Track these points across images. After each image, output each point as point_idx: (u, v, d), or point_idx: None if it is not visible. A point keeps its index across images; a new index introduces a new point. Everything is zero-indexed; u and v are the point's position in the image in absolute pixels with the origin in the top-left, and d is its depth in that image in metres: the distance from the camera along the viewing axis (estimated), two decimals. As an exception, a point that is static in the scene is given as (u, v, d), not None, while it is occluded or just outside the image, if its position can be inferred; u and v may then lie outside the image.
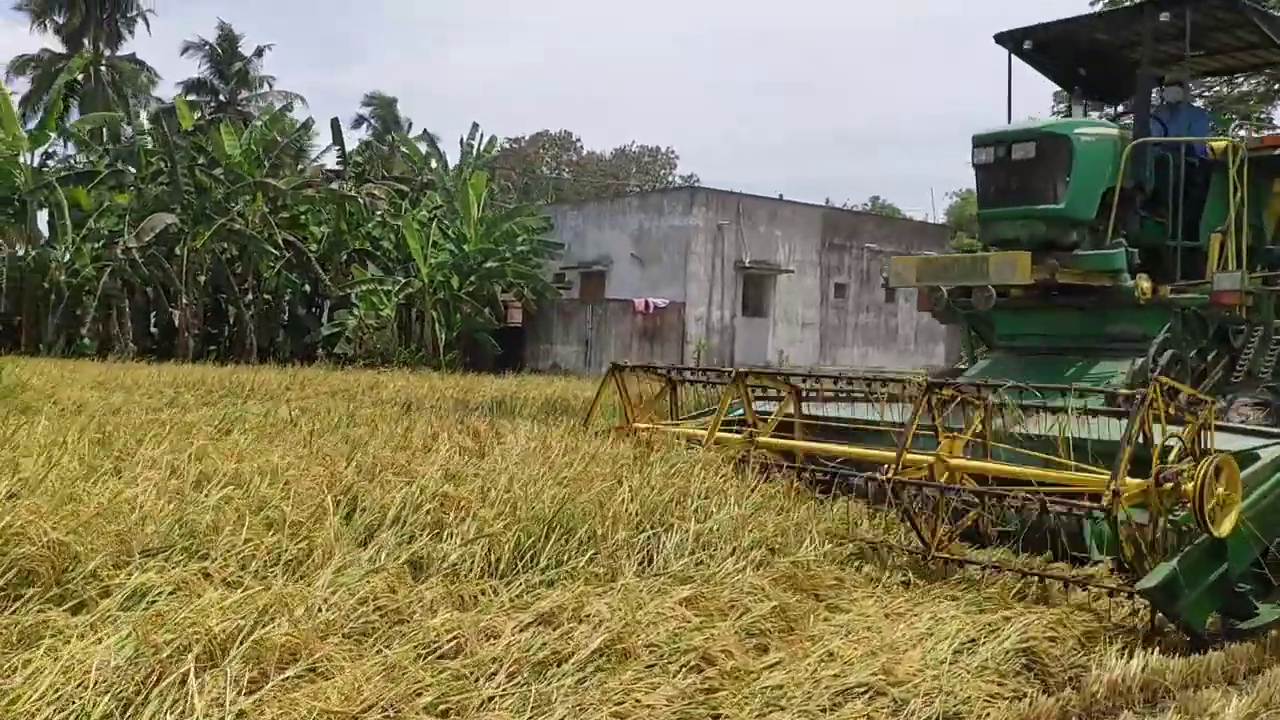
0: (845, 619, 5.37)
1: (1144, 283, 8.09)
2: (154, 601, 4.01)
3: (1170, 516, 5.38)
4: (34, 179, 28.54)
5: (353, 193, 31.70)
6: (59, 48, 50.16)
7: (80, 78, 46.69)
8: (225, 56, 52.46)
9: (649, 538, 5.83)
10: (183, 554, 4.37)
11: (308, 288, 32.41)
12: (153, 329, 31.00)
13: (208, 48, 52.40)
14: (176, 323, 29.44)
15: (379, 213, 32.53)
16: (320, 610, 4.25)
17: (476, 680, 4.00)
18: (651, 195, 38.66)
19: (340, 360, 28.29)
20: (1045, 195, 8.17)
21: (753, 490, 6.66)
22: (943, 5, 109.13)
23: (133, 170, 30.49)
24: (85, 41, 50.00)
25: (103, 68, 49.62)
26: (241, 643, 3.66)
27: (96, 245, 28.76)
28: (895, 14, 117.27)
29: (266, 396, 16.83)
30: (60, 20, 49.79)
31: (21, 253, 28.38)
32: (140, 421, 8.58)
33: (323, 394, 17.87)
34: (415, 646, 4.17)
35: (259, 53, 53.04)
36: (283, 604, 4.22)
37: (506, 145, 58.91)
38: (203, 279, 29.56)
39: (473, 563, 5.04)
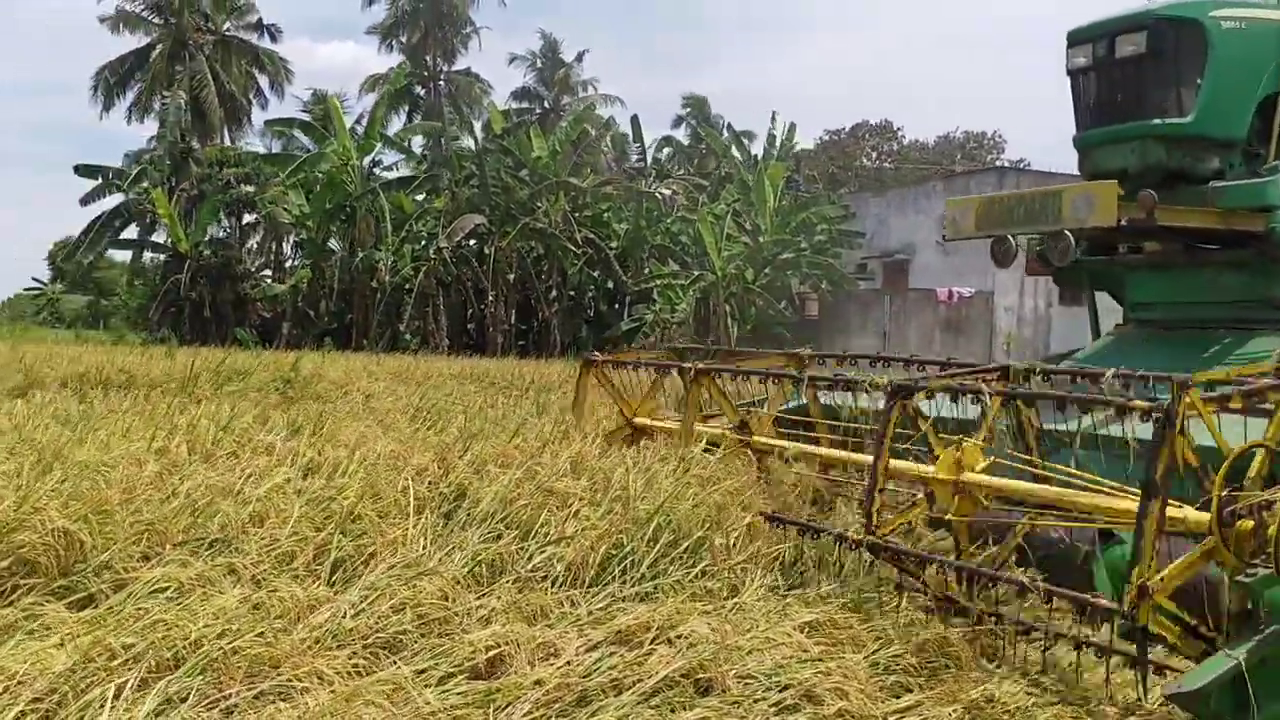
0: (1040, 656, 4.33)
1: None
2: (172, 598, 3.68)
3: (1244, 576, 3.46)
4: (362, 185, 30.79)
5: (650, 189, 31.96)
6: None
7: (422, 92, 50.55)
8: (548, 64, 54.75)
9: (794, 548, 4.97)
10: (215, 547, 4.02)
11: (610, 284, 32.98)
12: (468, 325, 32.67)
13: (532, 57, 54.88)
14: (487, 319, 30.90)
15: (678, 208, 32.63)
16: (345, 616, 3.76)
17: (497, 710, 3.36)
18: (957, 178, 36.31)
19: (637, 355, 28.49)
20: (1164, 106, 5.91)
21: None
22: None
23: (447, 174, 32.22)
24: (426, 59, 53.75)
25: (440, 82, 53.12)
26: (200, 652, 3.22)
27: (416, 247, 30.67)
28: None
29: (542, 389, 17.03)
30: (404, 40, 53.78)
31: (350, 255, 30.65)
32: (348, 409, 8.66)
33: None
34: (443, 664, 3.59)
35: (579, 58, 54.97)
36: (306, 607, 3.78)
37: (825, 138, 57.97)
38: (511, 277, 30.78)
39: (561, 567, 4.39)
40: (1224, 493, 3.44)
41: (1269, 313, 6.08)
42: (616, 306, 33.05)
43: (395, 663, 3.54)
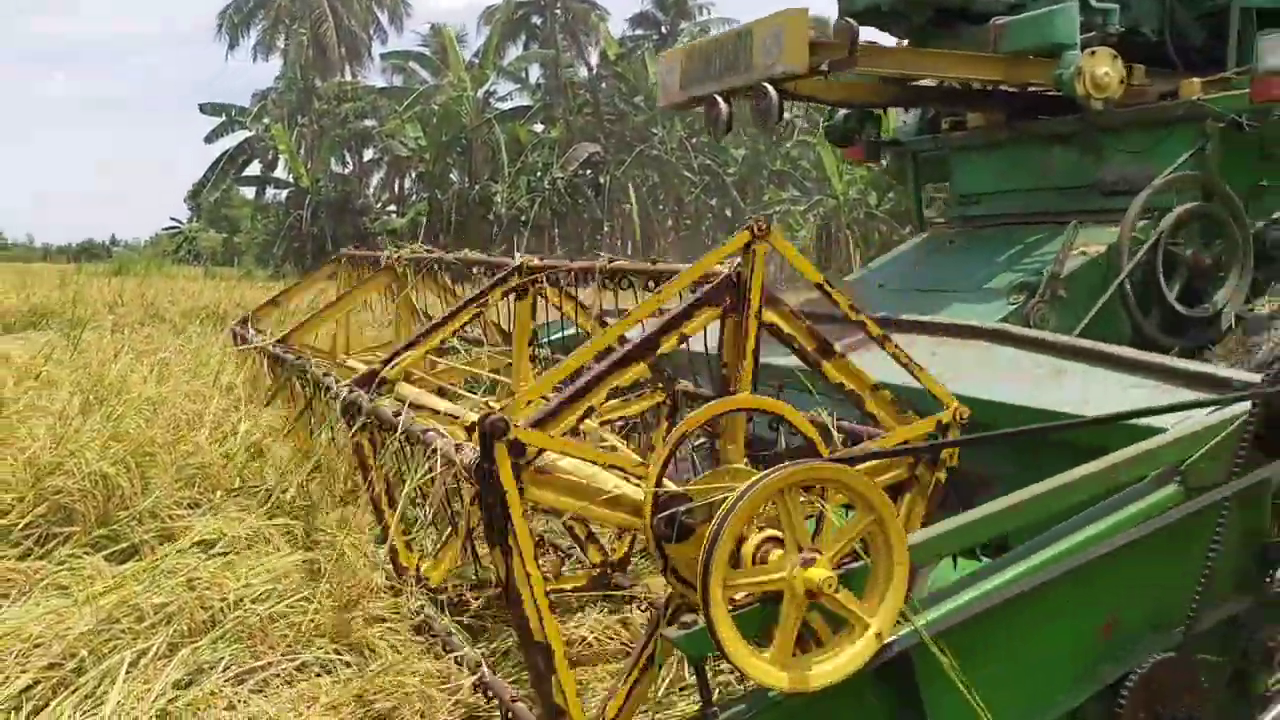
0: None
1: (1100, 66, 4.01)
2: (220, 553, 3.37)
3: (673, 627, 2.07)
4: (477, 116, 30.63)
5: (770, 111, 31.03)
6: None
7: (538, 21, 50.10)
8: (667, -13, 53.53)
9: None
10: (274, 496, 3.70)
11: (728, 211, 32.31)
12: (584, 256, 32.46)
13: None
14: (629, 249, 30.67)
15: (797, 132, 31.62)
16: (412, 591, 3.37)
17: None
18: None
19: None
20: None
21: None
22: None
23: (562, 103, 31.86)
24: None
25: (557, 10, 52.57)
26: (235, 615, 2.89)
27: (531, 178, 30.45)
28: None
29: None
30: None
31: (467, 187, 30.64)
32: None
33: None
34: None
35: (700, -20, 53.54)
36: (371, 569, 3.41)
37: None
38: (626, 206, 30.36)
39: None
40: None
41: (1097, 201, 4.49)
42: (734, 234, 32.40)
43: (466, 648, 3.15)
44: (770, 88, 3.99)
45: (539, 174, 30.82)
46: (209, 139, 34.40)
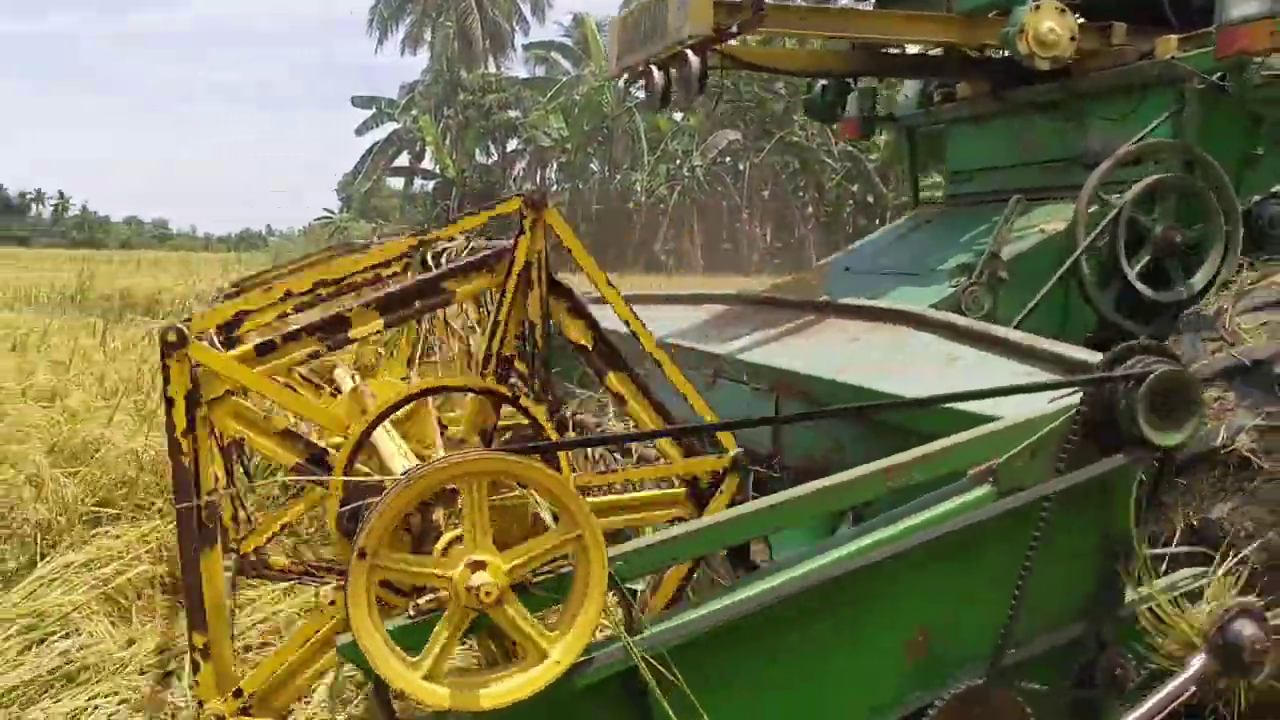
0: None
1: (1044, 21, 3.53)
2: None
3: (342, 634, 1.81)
4: (618, 105, 30.93)
5: (914, 96, 30.46)
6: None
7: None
8: (807, -27, 53.04)
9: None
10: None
11: (870, 198, 31.80)
12: (724, 244, 32.47)
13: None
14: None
15: (943, 115, 31.00)
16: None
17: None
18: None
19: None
20: None
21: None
22: None
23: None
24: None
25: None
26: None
27: (671, 166, 30.59)
28: None
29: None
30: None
31: (608, 177, 30.95)
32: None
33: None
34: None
35: (840, -36, 52.87)
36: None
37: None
38: (766, 194, 30.22)
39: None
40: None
41: (1080, 174, 3.87)
42: (877, 222, 31.88)
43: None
44: (691, 54, 3.48)
45: (678, 162, 30.94)
46: (359, 131, 35.61)
